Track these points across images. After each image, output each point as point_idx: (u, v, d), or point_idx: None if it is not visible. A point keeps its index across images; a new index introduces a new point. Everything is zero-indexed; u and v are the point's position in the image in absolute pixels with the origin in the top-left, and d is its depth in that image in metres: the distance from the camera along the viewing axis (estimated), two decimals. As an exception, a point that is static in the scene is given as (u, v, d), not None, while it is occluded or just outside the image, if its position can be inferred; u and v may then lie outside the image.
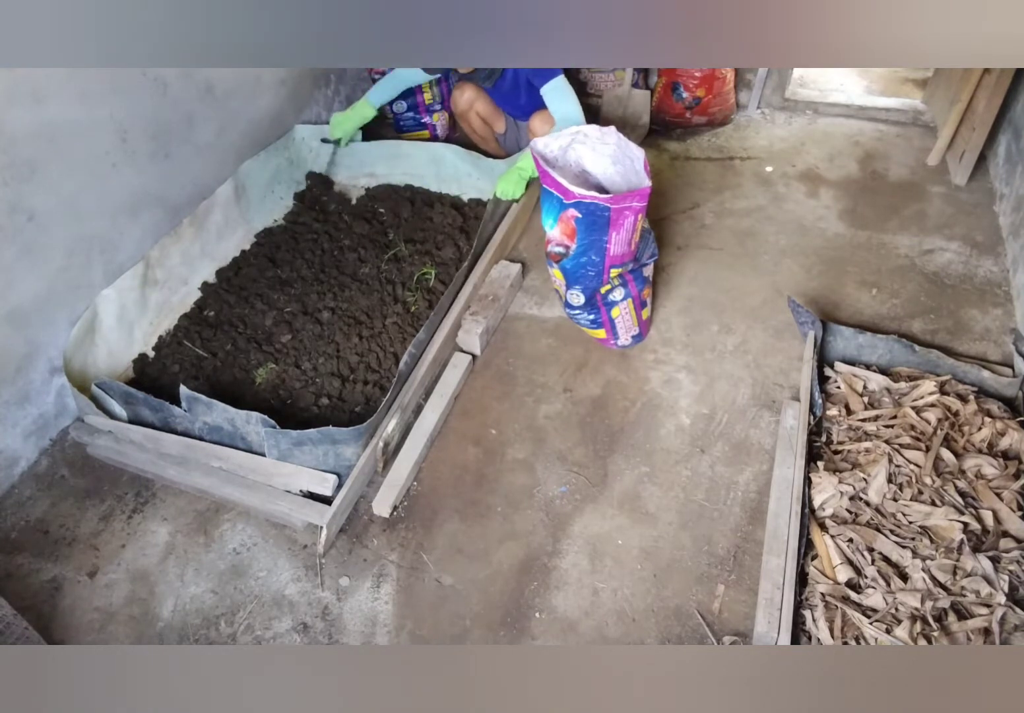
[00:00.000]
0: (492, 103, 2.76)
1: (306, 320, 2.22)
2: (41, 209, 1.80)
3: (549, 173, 1.81)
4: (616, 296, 2.04)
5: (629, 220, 1.83)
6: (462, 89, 2.73)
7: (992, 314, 2.26)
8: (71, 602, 1.68)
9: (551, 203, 1.87)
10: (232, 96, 2.39)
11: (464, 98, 2.73)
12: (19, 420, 1.90)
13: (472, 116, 2.78)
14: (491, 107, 2.77)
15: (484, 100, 2.73)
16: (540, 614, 1.62)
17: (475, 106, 2.74)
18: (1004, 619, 1.41)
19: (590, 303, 2.04)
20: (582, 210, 1.79)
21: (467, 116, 2.79)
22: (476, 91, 2.71)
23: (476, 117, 2.78)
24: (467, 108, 2.75)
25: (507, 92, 2.66)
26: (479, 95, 2.72)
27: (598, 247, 1.87)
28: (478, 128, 2.83)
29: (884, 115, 3.25)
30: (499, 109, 2.80)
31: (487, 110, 2.76)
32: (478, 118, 2.79)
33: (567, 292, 2.04)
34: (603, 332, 2.14)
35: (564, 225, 1.86)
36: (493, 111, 2.78)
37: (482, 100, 2.73)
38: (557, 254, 1.95)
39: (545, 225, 1.93)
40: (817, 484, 1.69)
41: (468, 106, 2.74)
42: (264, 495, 1.75)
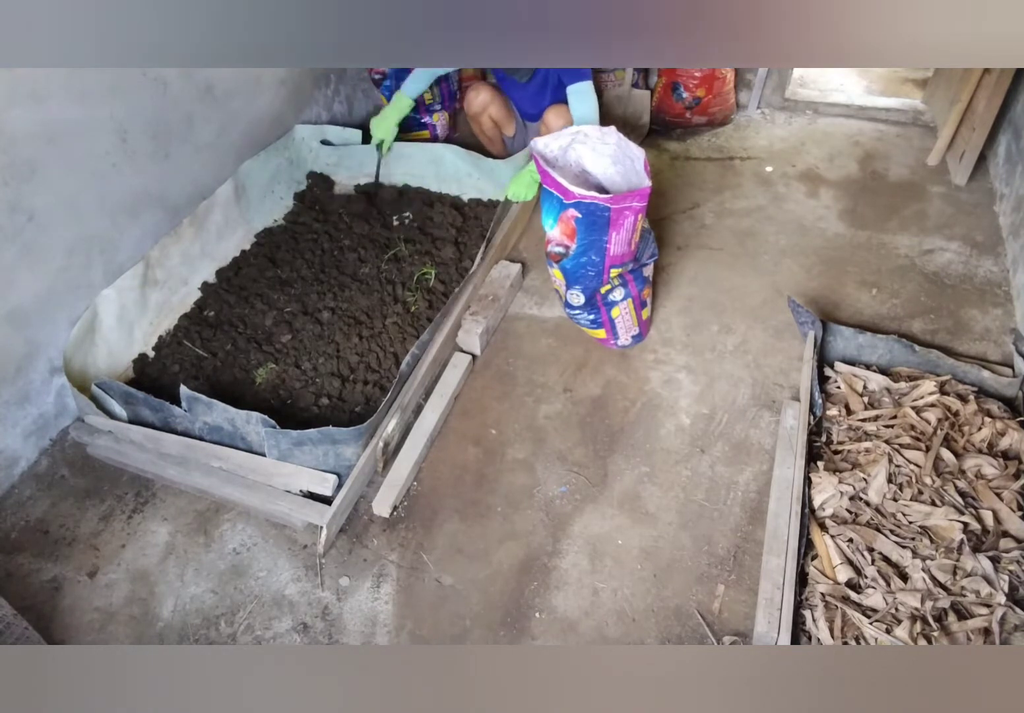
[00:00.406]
0: (506, 106, 2.74)
1: (306, 320, 2.22)
2: (41, 209, 1.80)
3: (549, 173, 1.81)
4: (616, 296, 2.04)
5: (629, 220, 1.83)
6: (478, 91, 2.70)
7: (992, 314, 2.26)
8: (71, 602, 1.68)
9: (551, 203, 1.87)
10: (232, 96, 2.39)
11: (479, 100, 2.70)
12: (19, 420, 1.90)
13: (484, 119, 2.76)
14: (505, 110, 2.75)
15: (499, 103, 2.71)
16: (540, 614, 1.62)
17: (489, 109, 2.71)
18: (1004, 619, 1.41)
19: (590, 303, 2.04)
20: (582, 210, 1.79)
21: (479, 118, 2.77)
22: (492, 93, 2.69)
23: (488, 119, 2.76)
24: (481, 110, 2.73)
25: (534, 92, 2.62)
26: (495, 98, 2.70)
27: (598, 247, 1.87)
28: (488, 130, 2.82)
29: (884, 115, 3.25)
30: (512, 112, 2.78)
31: (500, 113, 2.74)
32: (490, 121, 2.77)
33: (567, 292, 2.04)
34: (603, 332, 2.14)
35: (564, 225, 1.86)
36: (506, 114, 2.76)
37: (497, 103, 2.71)
38: (557, 254, 1.95)
39: (545, 225, 1.94)
40: (817, 484, 1.69)
41: (482, 108, 2.72)
42: (264, 495, 1.75)
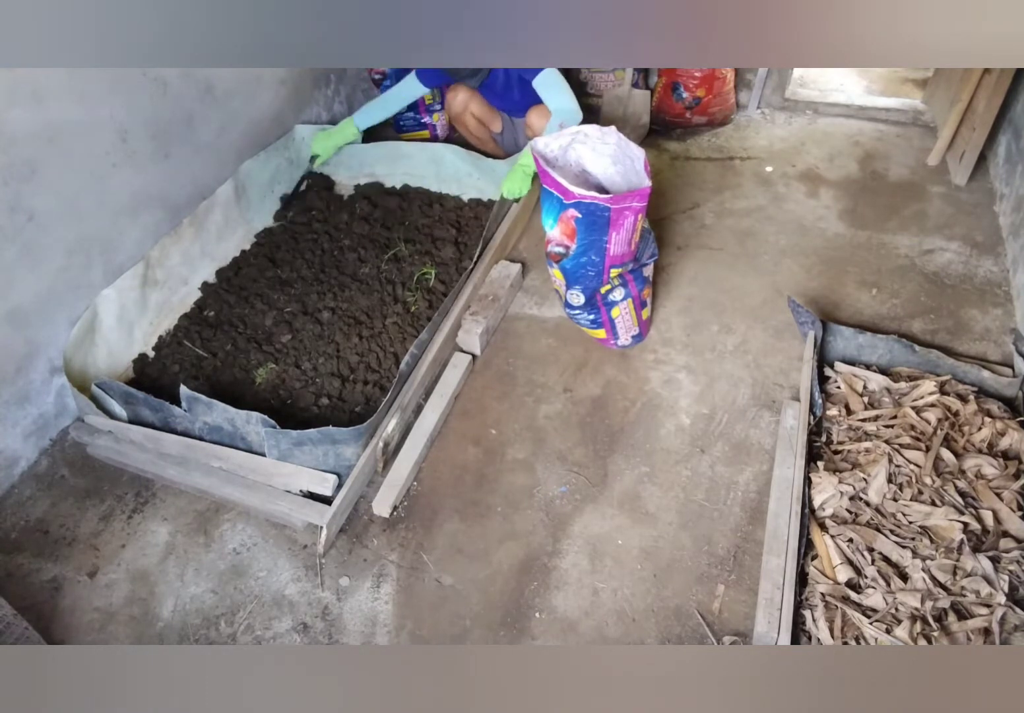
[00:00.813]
0: (486, 103, 2.75)
1: (306, 320, 2.22)
2: (41, 209, 1.80)
3: (549, 173, 1.81)
4: (616, 296, 2.03)
5: (629, 220, 1.83)
6: (455, 91, 2.71)
7: (992, 314, 2.26)
8: (71, 602, 1.68)
9: (551, 203, 1.87)
10: (232, 96, 2.39)
11: (458, 100, 2.71)
12: (19, 420, 1.90)
13: (468, 118, 2.77)
14: (486, 107, 2.75)
15: (478, 101, 2.72)
16: (540, 614, 1.62)
17: (470, 107, 2.72)
18: (1004, 619, 1.41)
19: (590, 303, 2.04)
20: (582, 210, 1.79)
21: (462, 118, 2.78)
22: (469, 92, 2.70)
23: (472, 118, 2.77)
24: (462, 110, 2.74)
25: (500, 90, 2.64)
26: (473, 96, 2.70)
27: (598, 247, 1.87)
28: (474, 129, 2.82)
29: (884, 115, 3.25)
30: (494, 108, 2.79)
31: (482, 110, 2.75)
32: (473, 119, 2.77)
33: (567, 292, 2.04)
34: (603, 332, 2.14)
35: (564, 225, 1.86)
36: (488, 111, 2.77)
37: (476, 101, 2.72)
38: (557, 254, 1.95)
39: (545, 225, 1.94)
40: (817, 484, 1.69)
41: (463, 108, 2.73)
42: (264, 495, 1.75)
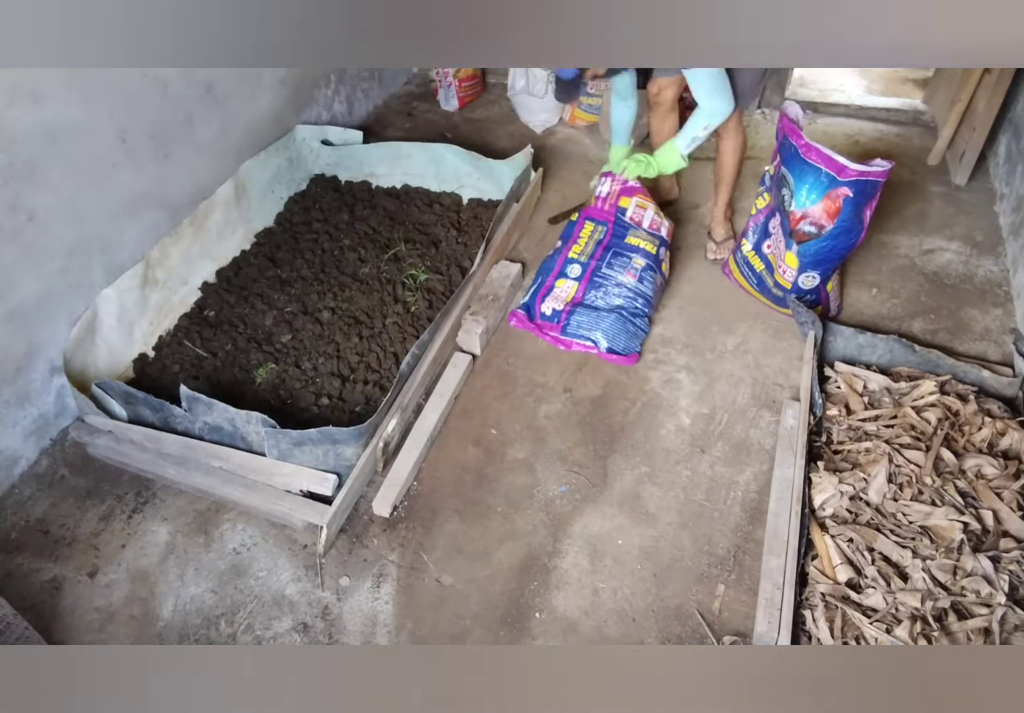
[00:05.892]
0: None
1: (306, 320, 2.22)
2: (41, 209, 1.80)
3: (817, 147, 1.73)
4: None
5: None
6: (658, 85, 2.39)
7: (992, 314, 2.26)
8: (71, 602, 1.68)
9: (817, 179, 1.80)
10: (232, 96, 2.39)
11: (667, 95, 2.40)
12: (19, 420, 1.90)
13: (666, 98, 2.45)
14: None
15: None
16: (540, 614, 1.62)
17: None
18: (1004, 619, 1.41)
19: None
20: (855, 188, 1.72)
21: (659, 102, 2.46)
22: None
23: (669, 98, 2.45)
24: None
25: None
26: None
27: (858, 229, 1.84)
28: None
29: (884, 115, 3.25)
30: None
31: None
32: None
33: (799, 276, 1.98)
34: (819, 308, 2.14)
35: (830, 203, 1.78)
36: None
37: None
38: (807, 234, 1.85)
39: (797, 201, 1.85)
40: (817, 484, 1.69)
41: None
42: (264, 495, 1.75)
